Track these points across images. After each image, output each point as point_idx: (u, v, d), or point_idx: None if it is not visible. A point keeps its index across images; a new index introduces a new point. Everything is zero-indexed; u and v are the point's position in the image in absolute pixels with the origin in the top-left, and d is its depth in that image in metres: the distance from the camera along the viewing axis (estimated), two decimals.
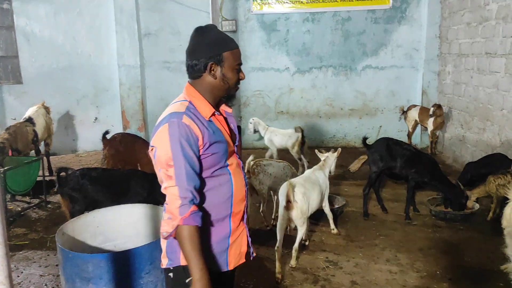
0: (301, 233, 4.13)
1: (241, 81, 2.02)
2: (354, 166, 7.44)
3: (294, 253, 4.13)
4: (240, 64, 1.98)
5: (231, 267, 2.03)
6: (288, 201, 3.98)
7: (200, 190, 1.88)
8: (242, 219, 2.06)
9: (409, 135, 8.17)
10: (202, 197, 1.90)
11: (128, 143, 5.65)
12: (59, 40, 8.59)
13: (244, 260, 2.10)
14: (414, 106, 8.07)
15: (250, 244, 2.12)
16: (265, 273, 4.05)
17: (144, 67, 8.83)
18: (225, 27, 8.50)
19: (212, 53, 1.89)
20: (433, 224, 5.07)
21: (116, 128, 8.81)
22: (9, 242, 2.56)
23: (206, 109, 1.91)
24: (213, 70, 1.91)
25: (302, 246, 4.46)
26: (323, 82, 8.83)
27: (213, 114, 1.94)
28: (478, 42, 6.62)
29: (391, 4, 8.35)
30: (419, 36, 8.44)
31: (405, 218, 5.17)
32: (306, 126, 8.95)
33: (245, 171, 4.81)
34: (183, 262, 1.88)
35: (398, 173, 5.17)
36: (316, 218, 4.97)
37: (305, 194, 4.12)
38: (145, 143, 5.53)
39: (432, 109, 7.44)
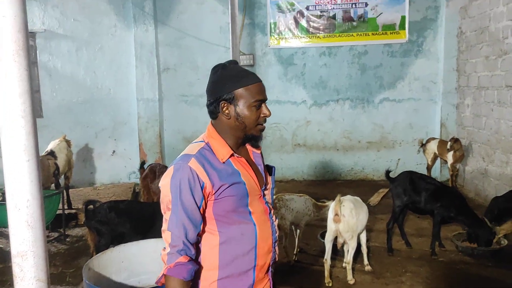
0: (351, 247, 4.32)
1: (266, 119, 1.87)
2: (374, 199, 7.37)
3: (348, 268, 4.38)
4: (261, 100, 1.81)
5: None
6: (336, 214, 4.19)
7: (211, 238, 1.77)
8: (267, 271, 1.92)
9: (429, 168, 8.06)
10: (222, 248, 1.78)
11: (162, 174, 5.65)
12: (80, 75, 8.78)
13: None
14: (433, 139, 8.01)
15: None
16: None
17: (162, 101, 8.95)
18: (242, 61, 8.62)
19: (224, 92, 1.79)
20: (461, 260, 4.93)
21: (134, 161, 8.88)
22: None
23: (223, 150, 1.80)
24: (226, 109, 1.79)
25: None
26: (340, 115, 8.84)
27: (232, 156, 1.81)
28: (498, 75, 6.61)
29: (407, 38, 8.43)
30: (436, 69, 8.47)
31: (431, 254, 5.03)
32: (324, 159, 8.94)
33: None
34: None
35: (423, 208, 5.07)
36: (336, 252, 4.86)
37: (353, 210, 4.30)
38: None
39: (449, 143, 7.37)
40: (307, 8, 8.56)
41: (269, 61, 8.84)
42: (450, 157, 7.46)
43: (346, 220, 4.28)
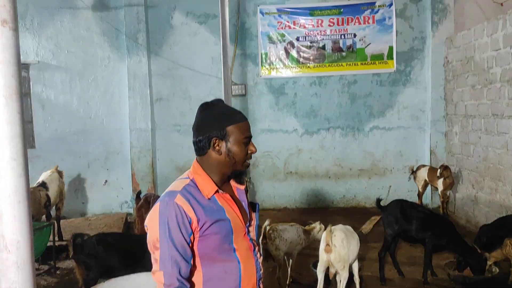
0: (343, 277, 4.31)
1: (252, 155, 1.92)
2: (366, 227, 7.38)
3: None
4: (249, 137, 1.89)
5: None
6: (327, 245, 4.19)
7: (197, 275, 1.77)
8: None
9: (420, 195, 8.12)
10: (206, 286, 1.78)
11: None
12: (73, 105, 8.84)
13: None
14: (423, 166, 8.09)
15: None
16: None
17: (155, 130, 9.00)
18: (234, 91, 8.74)
19: (215, 128, 1.83)
20: None
21: (126, 191, 8.87)
22: None
23: (208, 187, 1.82)
24: (217, 145, 1.83)
25: None
26: (331, 143, 8.93)
27: (216, 192, 1.83)
28: (484, 104, 6.76)
29: (396, 67, 8.63)
30: (425, 98, 8.64)
31: (423, 283, 5.04)
32: (316, 186, 8.98)
33: (261, 236, 4.78)
34: None
35: (414, 236, 5.10)
36: (328, 282, 4.83)
37: (345, 240, 4.30)
38: None
39: (439, 170, 7.46)
40: (297, 39, 8.76)
41: (260, 91, 8.97)
42: (440, 184, 7.53)
43: (338, 250, 4.28)
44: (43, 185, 6.42)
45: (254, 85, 8.97)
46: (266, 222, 4.78)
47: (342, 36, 8.69)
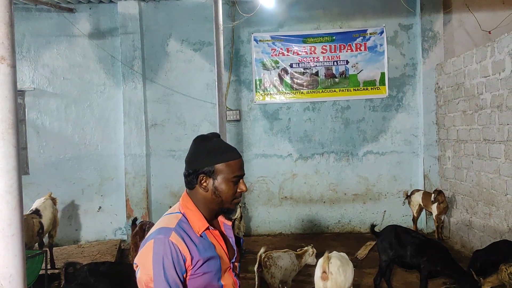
0: None
1: (242, 193, 1.88)
2: (362, 253, 7.35)
3: None
4: (239, 176, 1.84)
5: None
6: (324, 272, 4.16)
7: None
8: None
9: (414, 220, 8.13)
10: None
11: None
12: (68, 131, 8.86)
13: None
14: (418, 191, 8.13)
15: None
16: None
17: (150, 156, 9.01)
18: (229, 116, 8.81)
19: (204, 165, 1.80)
20: None
21: (120, 217, 8.82)
22: None
23: (199, 223, 1.78)
24: (204, 182, 1.80)
25: None
26: (326, 168, 8.97)
27: (207, 229, 1.80)
28: (475, 129, 6.85)
29: (388, 93, 8.76)
30: (417, 123, 8.74)
31: None
32: (311, 211, 8.97)
33: (257, 264, 4.76)
34: None
35: (409, 262, 5.09)
36: None
37: (341, 267, 4.27)
38: None
39: (433, 195, 7.50)
40: (291, 66, 8.90)
41: (255, 116, 9.04)
42: (434, 208, 7.56)
43: (334, 278, 4.26)
44: (37, 212, 6.37)
45: (248, 110, 9.05)
46: (262, 250, 4.77)
47: (335, 63, 8.83)
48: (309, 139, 8.99)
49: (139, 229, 5.78)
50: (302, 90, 8.91)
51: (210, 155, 1.83)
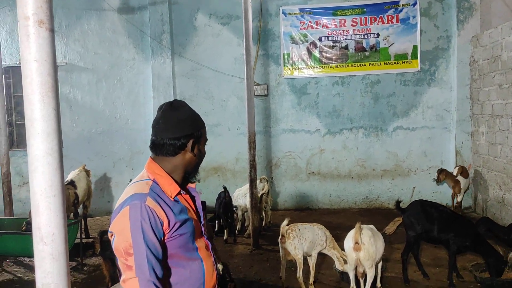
0: (369, 276, 4.36)
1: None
2: (390, 228, 7.31)
3: None
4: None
5: None
6: (356, 243, 4.25)
7: (165, 279, 1.72)
8: None
9: (452, 196, 7.91)
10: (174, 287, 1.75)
11: None
12: (99, 106, 9.04)
13: None
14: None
15: None
16: None
17: None
18: (257, 91, 8.77)
19: (195, 130, 1.85)
20: None
21: None
22: None
23: (171, 188, 1.78)
24: (195, 147, 1.85)
25: None
26: (354, 143, 8.87)
27: (179, 193, 1.81)
28: (511, 104, 6.61)
29: (420, 67, 8.51)
30: (450, 98, 8.50)
31: (448, 285, 4.95)
32: (338, 187, 8.94)
33: (280, 235, 4.80)
34: None
35: (437, 237, 5.02)
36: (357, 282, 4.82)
37: (372, 238, 4.37)
38: None
39: (456, 171, 7.43)
40: (320, 39, 8.74)
41: (283, 91, 8.98)
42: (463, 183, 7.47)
43: (366, 248, 4.32)
44: (72, 183, 6.58)
45: (276, 85, 8.99)
46: (285, 222, 4.80)
47: (365, 36, 8.63)
48: (337, 114, 8.89)
49: None
50: (331, 64, 8.77)
51: (197, 120, 1.89)
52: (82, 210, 7.16)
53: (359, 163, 8.90)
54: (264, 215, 7.48)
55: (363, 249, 4.30)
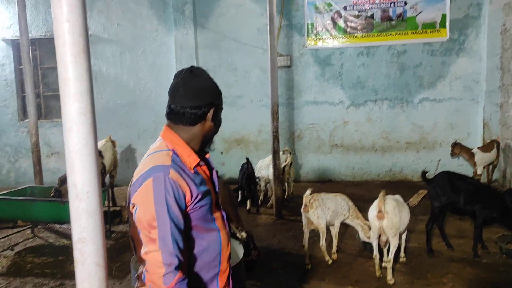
0: (393, 245, 4.37)
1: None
2: (414, 200, 7.26)
3: (388, 267, 4.39)
4: None
5: None
6: (379, 211, 4.26)
7: (187, 251, 1.71)
8: (229, 275, 1.89)
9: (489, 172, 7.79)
10: (192, 259, 1.75)
11: None
12: (123, 77, 9.13)
13: None
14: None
15: None
16: None
17: None
18: (280, 62, 8.69)
19: (215, 98, 1.80)
20: (504, 263, 4.81)
21: None
22: None
23: (190, 159, 1.75)
24: (215, 115, 1.80)
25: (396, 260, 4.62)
26: (379, 115, 8.75)
27: (198, 164, 1.77)
28: None
29: (448, 36, 8.26)
30: (479, 68, 8.25)
31: (473, 256, 4.93)
32: (361, 159, 8.89)
33: (303, 205, 4.83)
34: None
35: (462, 208, 4.97)
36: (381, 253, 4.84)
37: (396, 208, 4.36)
38: (223, 184, 5.46)
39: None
40: (345, 8, 8.54)
41: (306, 62, 8.87)
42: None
43: (390, 217, 4.32)
44: (99, 153, 6.69)
45: (299, 56, 8.87)
46: (308, 192, 4.81)
47: (392, 4, 8.38)
48: (362, 86, 8.75)
49: None
50: (356, 34, 8.58)
51: (217, 88, 1.83)
52: (109, 180, 7.33)
53: (383, 135, 8.80)
54: (286, 186, 7.52)
55: (386, 218, 4.30)
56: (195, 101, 1.76)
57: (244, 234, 5.06)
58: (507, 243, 5.07)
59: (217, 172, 2.05)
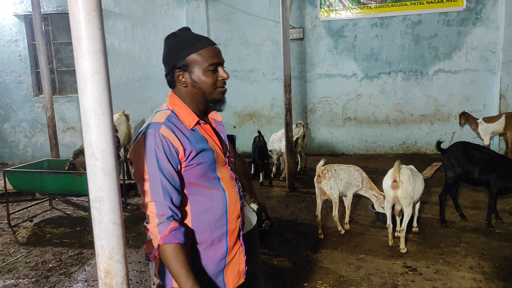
0: (407, 214, 4.39)
1: (226, 81, 1.81)
2: (427, 173, 7.24)
3: (401, 235, 4.42)
4: (215, 63, 1.77)
5: None
6: (394, 181, 4.27)
7: (186, 207, 1.76)
8: (239, 236, 1.90)
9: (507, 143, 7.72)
10: (195, 216, 1.77)
11: None
12: (135, 52, 9.11)
13: (244, 280, 1.93)
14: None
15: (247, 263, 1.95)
16: (332, 274, 4.03)
17: None
18: (292, 35, 8.59)
19: (177, 60, 1.77)
20: None
21: None
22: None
23: (189, 118, 1.77)
24: (182, 78, 1.77)
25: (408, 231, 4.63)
26: (392, 88, 8.65)
27: (198, 123, 1.80)
28: None
29: (465, 5, 8.05)
30: (496, 38, 8.06)
31: (486, 226, 4.92)
32: (375, 132, 8.84)
33: (316, 175, 4.84)
34: (175, 285, 1.73)
35: (477, 178, 4.93)
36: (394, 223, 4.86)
37: (411, 177, 4.36)
38: (238, 156, 5.49)
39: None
40: None
41: (319, 34, 8.75)
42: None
43: (405, 186, 4.32)
44: None
45: (312, 28, 8.75)
46: (321, 162, 4.81)
47: None
48: (375, 58, 8.63)
49: None
50: (369, 5, 8.41)
51: (180, 49, 1.78)
52: (123, 154, 7.41)
53: (397, 108, 8.71)
54: (299, 159, 7.54)
55: (401, 187, 4.30)
56: (165, 67, 1.83)
57: (255, 206, 5.11)
58: None
59: (232, 136, 2.06)
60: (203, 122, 1.83)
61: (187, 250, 1.74)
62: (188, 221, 1.78)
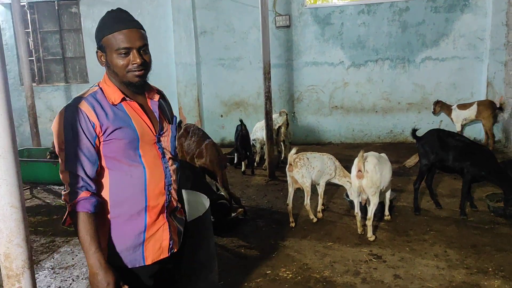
0: (373, 203, 4.36)
1: (144, 65, 1.84)
2: (410, 161, 7.18)
3: (368, 224, 4.41)
4: (126, 48, 1.79)
5: (148, 262, 1.93)
6: (359, 170, 4.25)
7: (98, 178, 1.82)
8: (162, 212, 1.95)
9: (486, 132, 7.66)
10: (112, 189, 1.84)
11: (197, 136, 5.73)
12: None
13: (167, 255, 1.99)
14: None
15: (172, 238, 2.00)
16: (297, 261, 4.01)
17: (200, 65, 9.07)
18: (278, 22, 8.52)
19: (96, 40, 1.84)
20: (491, 220, 4.74)
21: None
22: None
23: (114, 94, 1.84)
24: (102, 57, 1.85)
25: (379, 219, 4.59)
26: (379, 76, 8.56)
27: (124, 100, 1.85)
28: None
29: None
30: (484, 25, 7.93)
31: (460, 214, 4.87)
32: (362, 121, 8.78)
33: (288, 164, 4.81)
34: None
35: (451, 166, 4.88)
36: (364, 211, 4.83)
37: (377, 165, 4.33)
38: (213, 145, 5.48)
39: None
40: None
41: (305, 22, 8.65)
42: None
43: (370, 175, 4.28)
44: None
45: (299, 15, 8.65)
46: (293, 151, 4.78)
47: None
48: (362, 45, 8.53)
49: (184, 131, 6.00)
50: None
51: (99, 30, 1.83)
52: None
53: (384, 96, 8.63)
54: (283, 148, 7.50)
55: (366, 176, 4.27)
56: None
57: (224, 192, 5.10)
58: (497, 201, 4.99)
59: (175, 118, 2.12)
60: (129, 99, 1.87)
61: (103, 221, 1.83)
62: (105, 194, 1.84)
